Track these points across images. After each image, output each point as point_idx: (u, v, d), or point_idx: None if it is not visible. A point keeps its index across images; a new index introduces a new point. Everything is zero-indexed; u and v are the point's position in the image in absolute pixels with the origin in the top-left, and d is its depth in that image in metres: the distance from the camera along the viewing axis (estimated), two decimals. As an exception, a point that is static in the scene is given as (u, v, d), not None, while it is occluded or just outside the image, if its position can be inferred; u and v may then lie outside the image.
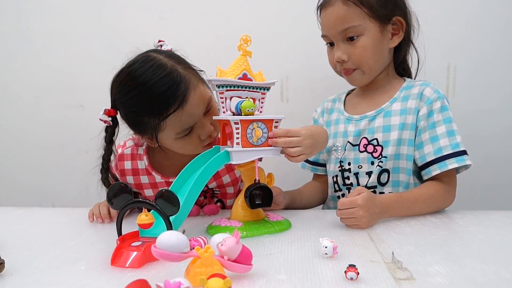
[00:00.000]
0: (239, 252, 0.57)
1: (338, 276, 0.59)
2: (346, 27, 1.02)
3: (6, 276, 0.62)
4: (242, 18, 1.48)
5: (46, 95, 1.56)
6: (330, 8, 1.04)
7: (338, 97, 1.23)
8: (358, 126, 1.10)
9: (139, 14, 1.51)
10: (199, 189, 0.79)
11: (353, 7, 1.01)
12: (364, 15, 1.01)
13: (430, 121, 1.02)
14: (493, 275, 0.60)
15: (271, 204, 0.84)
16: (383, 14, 1.02)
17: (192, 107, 0.91)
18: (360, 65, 1.05)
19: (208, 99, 0.95)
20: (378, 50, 1.04)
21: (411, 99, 1.05)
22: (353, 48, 1.03)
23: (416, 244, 0.75)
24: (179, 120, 0.90)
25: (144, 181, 1.07)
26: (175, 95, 0.88)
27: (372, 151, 1.07)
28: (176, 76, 0.89)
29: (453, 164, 0.97)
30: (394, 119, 1.05)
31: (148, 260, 0.67)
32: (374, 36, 1.03)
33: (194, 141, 0.96)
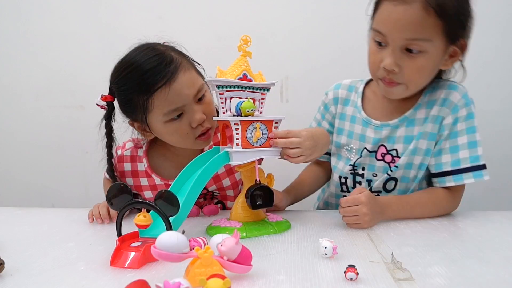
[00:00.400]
0: (239, 252, 0.57)
1: (338, 277, 0.59)
2: (415, 37, 0.86)
3: (6, 276, 0.62)
4: (242, 19, 1.49)
5: (46, 95, 1.56)
6: (404, 6, 0.85)
7: (355, 86, 1.10)
8: (378, 133, 1.02)
9: (138, 14, 1.52)
10: (199, 190, 0.79)
11: (431, 17, 0.84)
12: (438, 30, 0.86)
13: (453, 130, 0.95)
14: (492, 276, 0.60)
15: (272, 205, 0.84)
16: (454, 33, 0.89)
17: (180, 86, 0.91)
18: (409, 82, 0.92)
19: (199, 86, 0.94)
20: (433, 71, 0.94)
21: (436, 105, 0.96)
22: (410, 62, 0.89)
23: (415, 245, 0.75)
24: (165, 98, 0.90)
25: (144, 183, 1.07)
26: (163, 72, 0.89)
27: (390, 161, 1.01)
28: (166, 56, 0.92)
29: (469, 179, 0.93)
30: (416, 128, 0.98)
31: (147, 260, 0.67)
32: (436, 57, 0.90)
33: (184, 128, 0.94)
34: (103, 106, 0.98)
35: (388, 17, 0.88)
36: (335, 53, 1.29)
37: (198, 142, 0.98)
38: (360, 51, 1.12)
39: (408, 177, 1.00)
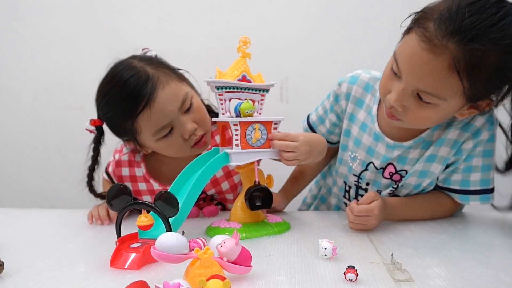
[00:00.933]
0: (239, 253, 0.57)
1: (338, 277, 0.59)
2: (429, 92, 0.75)
3: (6, 277, 0.62)
4: (242, 20, 1.49)
5: (46, 97, 1.56)
6: (430, 55, 0.72)
7: (373, 86, 0.98)
8: (389, 152, 0.94)
9: (138, 15, 1.52)
10: (198, 191, 0.79)
11: (455, 78, 0.72)
12: (458, 91, 0.74)
13: (472, 153, 0.89)
14: (492, 277, 0.60)
15: (271, 206, 0.84)
16: (476, 95, 0.76)
17: (162, 104, 0.89)
18: (410, 125, 0.85)
19: (182, 96, 0.92)
20: (440, 120, 0.84)
21: (455, 128, 0.88)
22: (416, 108, 0.79)
23: (415, 246, 0.75)
24: (149, 120, 0.89)
25: (142, 188, 1.06)
26: (141, 94, 0.88)
27: (397, 180, 0.96)
28: (142, 76, 0.89)
29: (475, 201, 0.92)
30: (429, 150, 0.91)
31: (147, 261, 0.67)
32: (447, 113, 0.81)
33: (177, 141, 0.93)
34: (92, 131, 0.99)
35: (409, 57, 0.76)
36: (335, 54, 1.30)
37: (195, 150, 0.97)
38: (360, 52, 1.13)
39: (411, 194, 0.98)
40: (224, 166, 0.84)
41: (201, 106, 0.98)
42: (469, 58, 0.70)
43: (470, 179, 0.91)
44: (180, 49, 1.51)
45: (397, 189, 0.97)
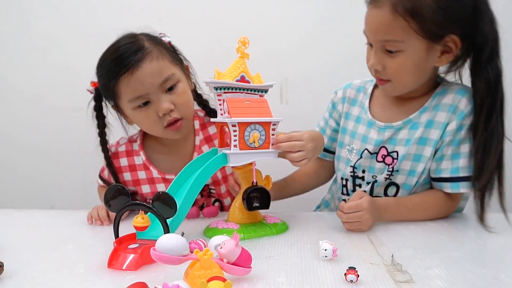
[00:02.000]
0: (239, 254, 0.57)
1: (338, 279, 0.59)
2: (387, 39, 0.90)
3: (5, 278, 0.62)
4: (241, 21, 1.49)
5: (46, 97, 1.56)
6: (376, 10, 0.90)
7: (364, 86, 1.10)
8: (381, 135, 1.00)
9: (138, 16, 1.51)
10: (197, 192, 0.79)
11: (399, 19, 0.86)
12: (410, 30, 0.86)
13: (457, 137, 0.93)
14: (492, 278, 0.60)
15: (269, 207, 0.84)
16: (434, 31, 0.87)
17: (143, 75, 0.94)
18: (394, 80, 0.94)
19: (168, 75, 0.97)
20: (418, 69, 0.92)
21: (442, 110, 0.95)
22: (390, 61, 0.92)
23: (415, 247, 0.75)
24: (128, 85, 0.94)
25: (142, 177, 1.08)
26: (127, 60, 0.94)
27: (390, 163, 0.99)
28: (136, 45, 0.96)
29: (465, 188, 0.93)
30: (419, 131, 0.96)
31: (145, 262, 0.67)
32: (417, 55, 0.90)
33: (151, 116, 0.97)
34: (91, 91, 1.06)
35: (366, 21, 0.94)
36: (335, 54, 1.30)
37: (168, 132, 1.00)
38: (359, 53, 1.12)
39: (410, 184, 0.99)
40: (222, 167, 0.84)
41: (186, 92, 1.01)
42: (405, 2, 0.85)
43: (460, 165, 0.93)
44: (180, 50, 1.51)
45: (392, 173, 0.99)
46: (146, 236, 0.73)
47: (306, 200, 1.29)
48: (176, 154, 1.08)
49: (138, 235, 0.74)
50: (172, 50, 1.06)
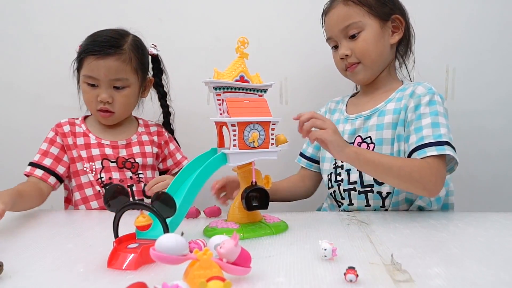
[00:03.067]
0: (238, 254, 0.57)
1: (338, 278, 0.59)
2: (347, 24, 1.09)
3: (5, 278, 0.62)
4: (241, 21, 1.49)
5: (46, 96, 1.56)
6: (332, 10, 1.12)
7: (342, 99, 1.27)
8: (353, 124, 1.13)
9: (138, 16, 1.52)
10: (196, 191, 0.79)
11: (353, 6, 1.09)
12: (363, 12, 1.08)
13: (417, 113, 1.03)
14: (492, 277, 0.60)
15: (268, 207, 0.84)
16: (382, 11, 1.10)
17: (103, 66, 1.14)
18: (363, 57, 1.10)
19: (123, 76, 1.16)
20: (379, 44, 1.10)
21: (404, 99, 1.07)
22: (355, 43, 1.10)
23: (415, 246, 0.75)
24: (88, 65, 1.15)
25: (80, 142, 1.22)
26: (99, 47, 1.14)
27: (365, 148, 1.08)
28: (116, 41, 1.16)
29: (432, 151, 0.95)
30: (387, 118, 1.07)
31: (144, 262, 0.67)
32: (375, 31, 1.09)
33: (91, 96, 1.18)
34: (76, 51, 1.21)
35: (327, 24, 1.16)
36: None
37: (98, 115, 1.21)
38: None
39: None
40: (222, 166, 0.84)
41: (129, 97, 1.21)
42: None
43: (424, 135, 0.99)
44: (180, 50, 1.51)
45: None
46: (146, 235, 0.73)
47: (305, 203, 1.30)
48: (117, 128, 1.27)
49: (138, 234, 0.74)
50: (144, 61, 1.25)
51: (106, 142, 1.22)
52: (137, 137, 1.26)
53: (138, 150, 1.25)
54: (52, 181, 1.17)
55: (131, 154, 1.24)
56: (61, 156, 1.21)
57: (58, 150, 1.21)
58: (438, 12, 1.28)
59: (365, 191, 1.07)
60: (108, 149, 1.21)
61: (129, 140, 1.25)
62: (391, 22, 1.11)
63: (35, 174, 1.16)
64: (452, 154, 0.96)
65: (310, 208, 1.27)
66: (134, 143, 1.25)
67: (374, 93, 1.16)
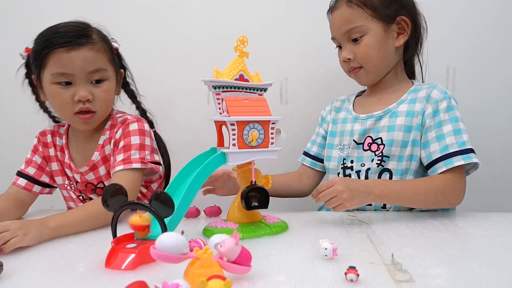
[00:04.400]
0: (238, 253, 0.57)
1: (338, 278, 0.59)
2: (350, 27, 1.07)
3: (5, 278, 0.62)
4: (242, 20, 1.48)
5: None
6: (336, 11, 1.10)
7: (347, 98, 1.25)
8: (364, 125, 1.12)
9: (138, 15, 1.51)
10: (195, 191, 0.78)
11: (356, 9, 1.06)
12: (366, 15, 1.05)
13: (436, 120, 1.02)
14: (493, 277, 0.60)
15: (268, 206, 0.84)
16: (387, 14, 1.06)
17: (77, 57, 0.98)
18: (364, 63, 1.09)
19: (100, 68, 1.02)
20: (382, 48, 1.07)
21: (418, 102, 1.05)
22: (357, 47, 1.08)
23: (416, 246, 0.75)
24: (58, 60, 0.97)
25: (59, 156, 1.15)
26: (68, 38, 0.98)
27: (375, 150, 1.08)
28: (84, 31, 1.01)
29: (459, 161, 0.96)
30: (399, 119, 1.06)
31: (142, 262, 0.66)
32: (378, 35, 1.06)
33: (66, 97, 1.00)
34: (24, 56, 1.08)
35: (331, 24, 1.14)
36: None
37: (75, 119, 1.03)
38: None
39: (401, 169, 1.05)
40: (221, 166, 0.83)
41: (109, 92, 1.06)
42: None
43: (447, 143, 0.98)
44: (180, 49, 1.51)
45: (383, 159, 1.06)
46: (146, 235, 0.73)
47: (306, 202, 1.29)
48: (83, 147, 1.13)
49: (136, 234, 0.74)
50: (115, 54, 1.12)
51: (73, 167, 1.12)
52: (99, 154, 1.09)
53: (104, 171, 1.11)
54: (37, 189, 1.14)
55: (98, 177, 1.12)
56: (43, 165, 1.16)
57: (40, 159, 1.16)
58: (438, 12, 1.28)
59: None
60: (76, 175, 1.12)
61: (91, 163, 1.09)
62: (396, 25, 1.08)
63: (18, 184, 1.12)
64: (477, 160, 0.97)
65: (311, 208, 1.27)
66: (98, 163, 1.10)
67: (382, 92, 1.14)
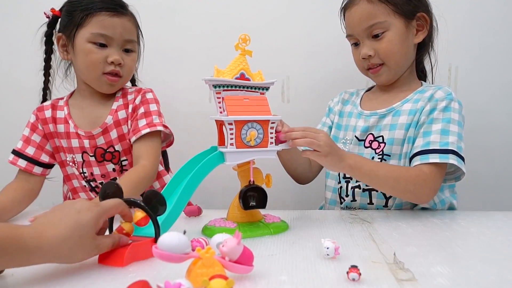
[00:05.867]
0: (241, 253, 0.57)
1: (340, 277, 0.59)
2: (372, 23, 1.04)
3: (7, 276, 0.62)
4: (243, 18, 1.48)
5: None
6: (355, 7, 1.06)
7: (356, 92, 1.24)
8: (367, 121, 1.11)
9: (140, 13, 1.51)
10: (192, 190, 0.78)
11: (377, 4, 1.04)
12: (389, 11, 1.04)
13: (430, 117, 1.01)
14: (495, 276, 0.60)
15: (265, 206, 0.83)
16: (408, 9, 1.05)
17: (119, 23, 1.06)
18: (387, 59, 1.06)
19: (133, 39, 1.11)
20: (404, 44, 1.06)
21: (422, 101, 1.05)
22: (379, 43, 1.05)
23: (418, 245, 0.75)
24: (101, 22, 1.05)
25: (60, 130, 1.13)
26: (113, 6, 1.07)
27: (376, 148, 1.07)
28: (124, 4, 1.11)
29: (435, 159, 0.94)
30: (402, 118, 1.05)
31: (134, 259, 0.67)
32: (400, 31, 1.05)
33: (99, 57, 1.05)
34: (48, 16, 1.13)
35: (349, 21, 1.10)
36: (337, 53, 1.29)
37: (101, 79, 1.08)
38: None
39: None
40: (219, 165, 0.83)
41: (134, 64, 1.15)
42: None
43: (430, 140, 0.98)
44: (182, 48, 1.51)
45: (383, 157, 1.06)
46: (141, 233, 0.73)
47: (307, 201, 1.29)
48: (93, 111, 1.13)
49: (134, 231, 0.74)
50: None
51: (82, 132, 1.10)
52: (112, 118, 1.11)
53: (116, 135, 1.11)
54: (38, 170, 1.13)
55: (109, 141, 1.11)
56: (43, 144, 1.14)
57: (40, 137, 1.14)
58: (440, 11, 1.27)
59: (370, 189, 1.07)
60: (85, 140, 1.10)
61: (104, 125, 1.10)
62: (415, 21, 1.07)
63: (19, 165, 1.11)
64: (457, 163, 0.94)
65: (312, 207, 1.27)
66: (110, 127, 1.11)
67: (392, 91, 1.13)
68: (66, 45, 1.10)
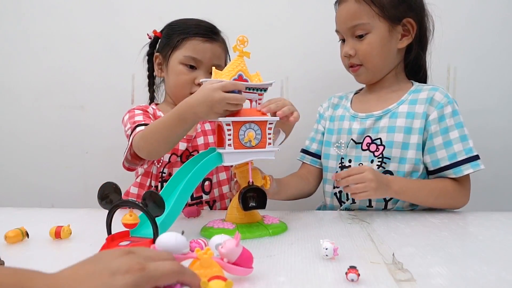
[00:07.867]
0: (239, 254, 0.57)
1: (339, 278, 0.59)
2: (355, 23, 1.06)
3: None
4: (242, 19, 1.48)
5: (46, 95, 1.56)
6: (343, 4, 1.08)
7: (345, 95, 1.24)
8: (363, 124, 1.10)
9: (139, 14, 1.51)
10: (190, 191, 0.78)
11: (363, 5, 1.04)
12: (373, 14, 1.04)
13: (442, 126, 1.02)
14: (494, 276, 0.60)
15: (265, 207, 0.84)
16: (393, 14, 1.04)
17: (210, 49, 1.13)
18: (365, 61, 1.08)
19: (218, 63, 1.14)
20: (384, 49, 1.06)
21: (419, 103, 1.05)
22: (361, 44, 1.06)
23: (416, 245, 0.75)
24: (193, 46, 1.13)
25: None
26: (209, 33, 1.14)
27: (374, 150, 1.07)
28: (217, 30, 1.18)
29: (468, 169, 0.99)
30: (399, 121, 1.05)
31: None
32: (382, 35, 1.05)
33: (188, 78, 1.13)
34: (150, 37, 1.23)
35: (337, 17, 1.12)
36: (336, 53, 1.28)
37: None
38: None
39: (404, 172, 1.03)
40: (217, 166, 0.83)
41: None
42: None
43: (455, 150, 1.00)
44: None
45: (383, 161, 1.05)
46: (139, 233, 0.73)
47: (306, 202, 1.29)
48: None
49: (131, 232, 0.74)
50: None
51: None
52: (200, 126, 1.18)
53: (202, 142, 1.17)
54: None
55: (195, 146, 1.16)
56: None
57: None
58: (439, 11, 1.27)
59: None
60: (182, 143, 1.13)
61: (195, 131, 1.17)
62: (401, 26, 1.06)
63: None
64: (483, 167, 1.00)
65: (311, 207, 1.27)
66: (198, 134, 1.17)
67: (381, 91, 1.13)
68: (161, 64, 1.20)
